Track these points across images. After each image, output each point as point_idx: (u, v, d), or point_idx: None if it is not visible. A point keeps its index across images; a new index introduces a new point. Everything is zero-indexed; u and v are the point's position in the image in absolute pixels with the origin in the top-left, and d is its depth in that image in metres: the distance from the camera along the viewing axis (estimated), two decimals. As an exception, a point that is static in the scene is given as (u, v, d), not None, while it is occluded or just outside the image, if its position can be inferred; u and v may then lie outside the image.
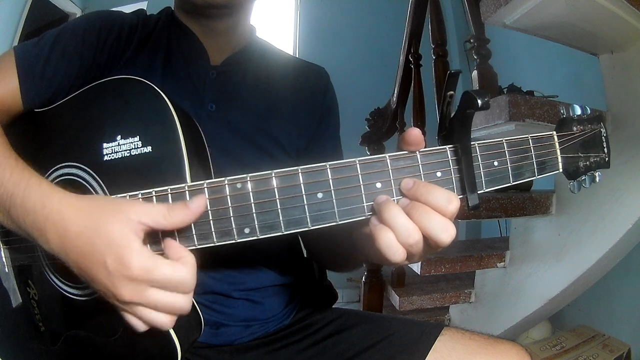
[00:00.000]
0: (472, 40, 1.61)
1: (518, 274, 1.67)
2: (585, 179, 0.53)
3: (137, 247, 0.45)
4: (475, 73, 1.57)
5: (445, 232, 0.44)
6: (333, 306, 0.87)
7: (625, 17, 1.25)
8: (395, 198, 0.47)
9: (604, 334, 1.86)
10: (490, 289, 1.76)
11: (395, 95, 2.04)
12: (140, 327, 0.47)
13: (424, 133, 1.57)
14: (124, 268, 0.44)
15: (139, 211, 0.46)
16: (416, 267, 1.63)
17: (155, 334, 0.53)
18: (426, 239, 0.45)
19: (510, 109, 1.30)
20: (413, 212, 0.45)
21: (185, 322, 0.56)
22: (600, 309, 2.01)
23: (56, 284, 0.60)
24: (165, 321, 0.47)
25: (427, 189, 0.45)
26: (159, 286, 0.45)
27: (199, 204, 0.46)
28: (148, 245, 0.47)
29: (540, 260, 1.60)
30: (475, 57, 1.59)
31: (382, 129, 2.06)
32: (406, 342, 0.71)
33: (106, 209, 0.47)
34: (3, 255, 0.66)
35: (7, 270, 0.66)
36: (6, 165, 0.52)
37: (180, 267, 0.45)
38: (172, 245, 0.47)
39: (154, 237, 0.48)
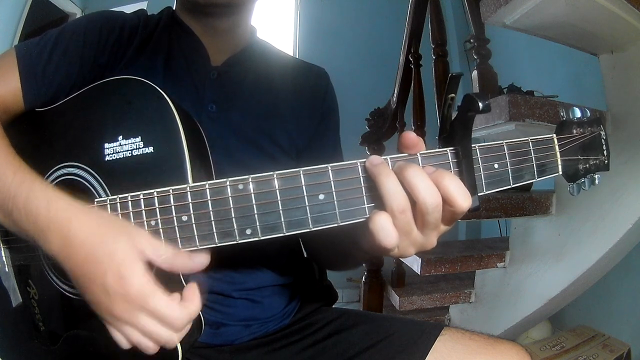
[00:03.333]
0: (472, 40, 1.61)
1: (518, 274, 1.67)
2: (584, 181, 0.53)
3: (140, 270, 0.45)
4: (475, 73, 1.57)
5: (432, 196, 0.44)
6: (333, 306, 0.87)
7: (625, 17, 1.25)
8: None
9: (604, 334, 1.86)
10: (490, 289, 1.76)
11: (395, 95, 2.04)
12: (124, 344, 0.48)
13: (423, 133, 1.57)
14: (123, 286, 0.44)
15: (145, 242, 0.46)
16: (416, 267, 1.64)
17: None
18: (415, 211, 0.45)
19: (510, 109, 1.30)
20: (403, 175, 0.45)
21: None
22: (600, 309, 2.02)
23: (56, 283, 0.60)
24: (149, 346, 0.47)
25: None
26: (148, 314, 0.45)
27: (201, 262, 0.48)
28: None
29: (540, 260, 1.60)
30: (475, 57, 1.58)
31: (382, 129, 2.06)
32: (406, 342, 0.71)
33: (115, 226, 0.47)
34: (3, 254, 0.66)
35: (7, 270, 0.66)
36: (9, 166, 0.52)
37: (175, 306, 0.46)
38: (190, 286, 0.48)
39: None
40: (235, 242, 0.48)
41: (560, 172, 0.52)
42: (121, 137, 0.54)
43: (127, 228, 0.47)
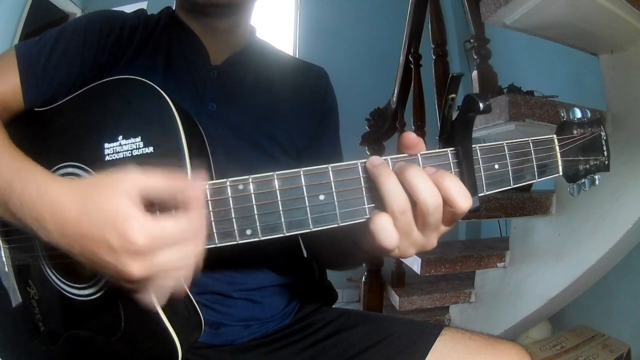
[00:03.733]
0: (472, 40, 1.61)
1: (518, 274, 1.67)
2: (585, 182, 0.53)
3: (136, 215, 0.42)
4: (475, 73, 1.57)
5: (432, 197, 0.44)
6: (333, 306, 0.87)
7: (625, 17, 1.25)
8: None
9: (604, 334, 1.86)
10: (490, 289, 1.76)
11: (395, 95, 2.04)
12: (160, 301, 0.46)
13: (423, 133, 1.57)
14: (129, 243, 0.42)
15: (135, 180, 0.44)
16: (416, 267, 1.64)
17: (156, 334, 0.53)
18: (416, 212, 0.45)
19: (510, 109, 1.30)
20: (404, 176, 0.45)
21: (185, 322, 0.57)
22: (600, 309, 2.02)
23: (56, 283, 0.60)
24: (184, 275, 0.45)
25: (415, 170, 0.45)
26: (168, 248, 0.43)
27: (200, 182, 0.46)
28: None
29: (540, 260, 1.60)
30: (475, 57, 1.58)
31: (382, 129, 2.06)
32: (406, 342, 0.71)
33: (101, 186, 0.45)
34: (3, 254, 0.66)
35: (7, 270, 0.66)
36: (6, 155, 0.51)
37: (184, 220, 0.43)
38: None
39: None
40: (235, 243, 0.48)
41: (561, 173, 0.53)
42: (121, 137, 0.54)
43: (113, 179, 0.45)
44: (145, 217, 0.43)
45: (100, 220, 0.43)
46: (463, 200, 0.44)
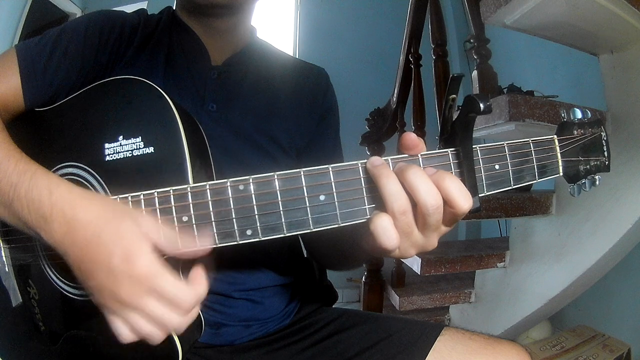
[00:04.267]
0: (472, 40, 1.61)
1: (518, 274, 1.67)
2: (585, 182, 0.53)
3: (147, 249, 0.44)
4: (475, 73, 1.57)
5: (433, 197, 0.44)
6: (333, 306, 0.87)
7: (625, 17, 1.25)
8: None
9: (604, 334, 1.86)
10: (490, 289, 1.76)
11: (395, 95, 2.04)
12: (128, 336, 0.46)
13: (424, 133, 1.57)
14: (129, 265, 0.43)
15: (150, 225, 0.46)
16: (416, 267, 1.64)
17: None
18: (416, 213, 0.45)
19: (510, 109, 1.30)
20: (404, 176, 0.45)
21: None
22: (600, 309, 2.02)
23: (56, 283, 0.60)
24: (155, 334, 0.46)
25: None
26: (157, 296, 0.44)
27: (206, 245, 0.47)
28: None
29: (540, 260, 1.61)
30: (475, 57, 1.58)
31: (382, 129, 2.06)
32: (406, 342, 0.71)
33: (119, 208, 0.47)
34: (3, 254, 0.66)
35: (7, 270, 0.66)
36: (10, 157, 0.52)
37: (183, 286, 0.45)
38: (196, 268, 0.48)
39: None
40: (235, 243, 0.48)
41: (561, 173, 0.52)
42: (121, 137, 0.54)
43: (131, 211, 0.47)
44: (153, 255, 0.44)
45: (112, 235, 0.44)
46: (463, 200, 0.44)
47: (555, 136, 0.52)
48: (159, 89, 0.54)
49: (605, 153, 0.54)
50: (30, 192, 0.48)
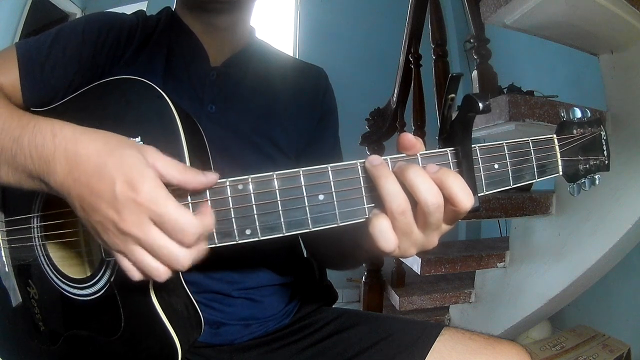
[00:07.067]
0: (472, 40, 1.61)
1: (518, 274, 1.67)
2: (585, 181, 0.53)
3: (151, 174, 0.43)
4: (475, 73, 1.57)
5: (433, 196, 0.44)
6: (333, 306, 0.87)
7: (625, 17, 1.25)
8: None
9: (604, 334, 1.86)
10: (490, 289, 1.76)
11: (395, 95, 2.04)
12: (135, 274, 0.45)
13: (423, 133, 1.57)
14: (133, 191, 0.42)
15: (156, 156, 0.45)
16: (416, 267, 1.64)
17: (156, 333, 0.53)
18: (417, 212, 0.45)
19: (510, 109, 1.30)
20: (404, 176, 0.44)
21: (185, 322, 0.57)
22: (600, 309, 2.02)
23: (56, 283, 0.61)
24: (159, 270, 0.44)
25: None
26: (160, 224, 0.43)
27: (213, 178, 0.46)
28: None
29: (540, 260, 1.61)
30: (475, 57, 1.59)
31: (382, 129, 2.06)
32: (406, 342, 0.71)
33: (123, 139, 0.46)
34: (3, 254, 0.66)
35: (7, 270, 0.66)
36: (14, 115, 0.51)
37: (188, 214, 0.43)
38: (204, 204, 0.46)
39: None
40: (235, 243, 0.48)
41: (561, 173, 0.52)
42: (121, 137, 0.54)
43: (135, 143, 0.46)
44: (158, 181, 0.43)
45: (114, 163, 0.43)
46: (466, 198, 0.44)
47: (554, 135, 0.52)
48: (159, 89, 0.54)
49: (605, 152, 0.54)
50: (33, 139, 0.47)
